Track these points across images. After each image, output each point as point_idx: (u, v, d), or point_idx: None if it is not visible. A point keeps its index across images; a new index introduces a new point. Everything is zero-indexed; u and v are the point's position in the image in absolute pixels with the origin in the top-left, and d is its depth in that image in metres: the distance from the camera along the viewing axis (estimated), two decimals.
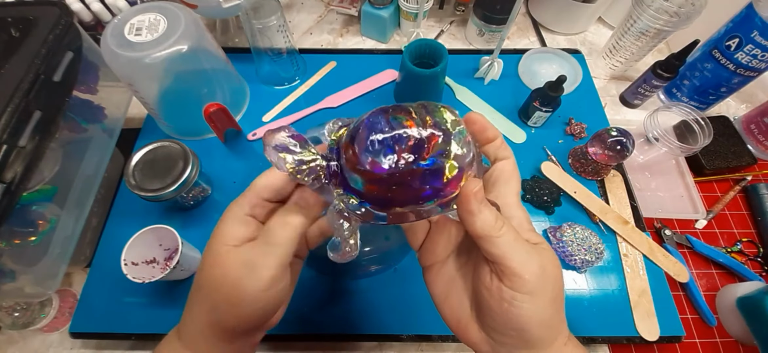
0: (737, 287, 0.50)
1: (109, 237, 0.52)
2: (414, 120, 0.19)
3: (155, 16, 0.48)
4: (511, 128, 0.61)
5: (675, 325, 0.46)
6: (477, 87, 0.65)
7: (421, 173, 0.19)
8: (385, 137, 0.19)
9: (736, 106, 0.68)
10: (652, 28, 0.58)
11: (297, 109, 0.63)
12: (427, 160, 0.19)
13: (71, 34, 0.46)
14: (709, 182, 0.60)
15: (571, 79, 0.65)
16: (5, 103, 0.37)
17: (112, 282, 0.47)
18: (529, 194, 0.54)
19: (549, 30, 0.76)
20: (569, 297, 0.48)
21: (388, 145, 0.19)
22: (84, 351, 0.48)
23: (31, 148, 0.39)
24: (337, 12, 0.77)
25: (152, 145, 0.48)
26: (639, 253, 0.50)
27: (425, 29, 0.76)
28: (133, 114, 0.62)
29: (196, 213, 0.53)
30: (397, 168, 0.18)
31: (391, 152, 0.18)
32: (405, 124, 0.19)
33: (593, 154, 0.52)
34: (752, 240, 0.55)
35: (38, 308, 0.45)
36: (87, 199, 0.49)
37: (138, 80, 0.49)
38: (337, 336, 0.46)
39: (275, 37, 0.58)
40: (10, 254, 0.41)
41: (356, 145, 0.19)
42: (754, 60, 0.52)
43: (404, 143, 0.18)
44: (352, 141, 0.19)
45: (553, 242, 0.50)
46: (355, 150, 0.19)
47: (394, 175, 0.18)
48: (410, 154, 0.18)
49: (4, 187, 0.36)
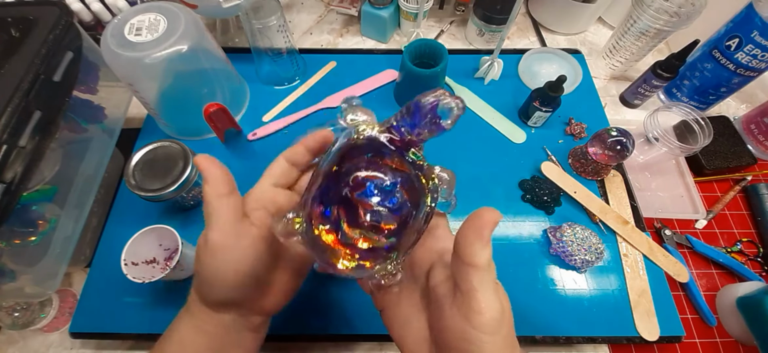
0: (737, 287, 0.50)
1: (109, 237, 0.52)
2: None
3: (155, 16, 0.48)
4: (511, 128, 0.61)
5: (675, 325, 0.46)
6: (477, 87, 0.65)
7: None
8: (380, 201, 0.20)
9: (736, 106, 0.68)
10: (652, 28, 0.58)
11: (297, 109, 0.63)
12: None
13: (71, 34, 0.46)
14: (709, 182, 0.60)
15: (571, 79, 0.65)
16: (5, 103, 0.37)
17: (112, 282, 0.47)
18: (529, 194, 0.54)
19: (549, 30, 0.76)
20: (570, 297, 0.48)
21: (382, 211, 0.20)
22: (84, 351, 0.48)
23: (31, 148, 0.39)
24: (337, 12, 0.77)
25: (152, 145, 0.47)
26: (639, 253, 0.50)
27: (425, 29, 0.76)
28: (133, 114, 0.62)
29: (196, 213, 0.53)
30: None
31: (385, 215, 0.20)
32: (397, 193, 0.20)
33: (593, 154, 0.52)
34: (752, 240, 0.55)
35: (38, 308, 0.45)
36: (87, 199, 0.49)
37: (138, 80, 0.49)
38: (337, 336, 0.47)
39: (275, 37, 0.58)
40: (10, 254, 0.41)
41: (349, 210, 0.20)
42: (754, 60, 0.52)
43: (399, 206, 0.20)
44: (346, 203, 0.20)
45: (553, 242, 0.50)
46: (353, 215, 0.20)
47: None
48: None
49: (4, 187, 0.36)
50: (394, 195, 0.20)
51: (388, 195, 0.20)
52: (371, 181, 0.20)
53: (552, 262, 0.50)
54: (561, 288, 0.49)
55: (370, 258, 0.20)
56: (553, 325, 0.46)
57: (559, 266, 0.50)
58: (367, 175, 0.20)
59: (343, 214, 0.20)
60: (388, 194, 0.20)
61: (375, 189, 0.20)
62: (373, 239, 0.20)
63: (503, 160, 0.58)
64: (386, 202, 0.20)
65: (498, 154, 0.58)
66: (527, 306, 0.47)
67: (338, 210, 0.20)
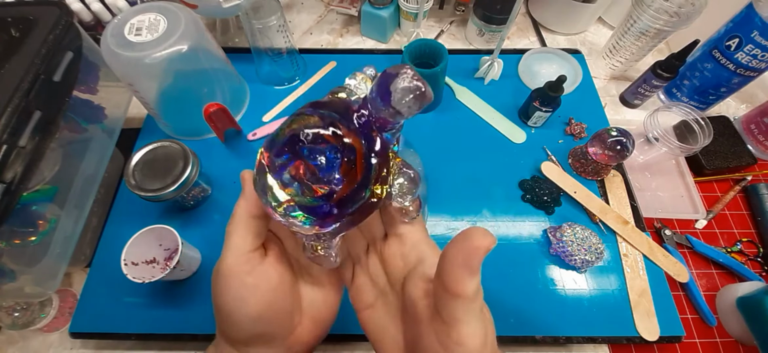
0: (737, 287, 0.50)
1: (109, 237, 0.52)
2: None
3: (155, 16, 0.48)
4: (511, 128, 0.61)
5: (675, 325, 0.46)
6: (477, 87, 0.65)
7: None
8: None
9: (736, 106, 0.68)
10: (652, 28, 0.58)
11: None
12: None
13: (71, 34, 0.46)
14: (709, 182, 0.60)
15: (571, 79, 0.65)
16: (5, 103, 0.37)
17: (112, 282, 0.47)
18: (529, 194, 0.54)
19: (549, 30, 0.76)
20: (570, 297, 0.48)
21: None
22: (84, 351, 0.48)
23: (31, 148, 0.39)
24: (337, 12, 0.77)
25: (152, 145, 0.47)
26: (639, 253, 0.50)
27: (425, 29, 0.76)
28: (133, 114, 0.62)
29: (196, 214, 0.53)
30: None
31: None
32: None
33: (593, 154, 0.52)
34: (752, 240, 0.55)
35: (38, 308, 0.45)
36: (87, 199, 0.49)
37: (138, 80, 0.49)
38: (337, 336, 0.47)
39: (275, 37, 0.58)
40: (10, 254, 0.41)
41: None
42: (754, 60, 0.52)
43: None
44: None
45: (553, 242, 0.50)
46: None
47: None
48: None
49: (4, 187, 0.36)
50: (330, 162, 0.18)
51: (325, 159, 0.18)
52: (314, 138, 0.19)
53: (552, 262, 0.50)
54: (561, 288, 0.49)
55: (306, 214, 0.19)
56: (553, 325, 0.46)
57: (559, 266, 0.50)
58: (315, 132, 0.19)
59: (282, 159, 0.19)
60: (326, 159, 0.18)
61: (314, 148, 0.18)
62: (301, 194, 0.19)
63: (503, 160, 0.58)
64: (320, 165, 0.18)
65: (498, 154, 0.58)
66: (527, 306, 0.47)
67: (282, 149, 0.19)
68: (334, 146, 0.18)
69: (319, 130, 0.19)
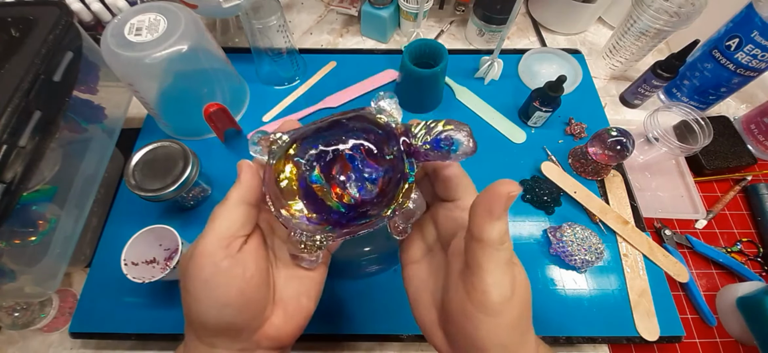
0: (737, 287, 0.50)
1: (109, 237, 0.52)
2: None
3: (155, 16, 0.48)
4: (511, 128, 0.61)
5: (675, 325, 0.46)
6: (477, 87, 0.65)
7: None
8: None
9: (736, 106, 0.68)
10: (652, 28, 0.58)
11: (297, 109, 0.63)
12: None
13: (71, 34, 0.46)
14: (709, 182, 0.60)
15: (571, 79, 0.65)
16: (5, 103, 0.37)
17: (112, 282, 0.47)
18: (529, 194, 0.54)
19: (549, 30, 0.76)
20: (570, 297, 0.48)
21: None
22: (84, 351, 0.48)
23: (31, 148, 0.39)
24: (337, 12, 0.77)
25: (152, 145, 0.47)
26: (639, 253, 0.50)
27: (425, 29, 0.76)
28: (133, 114, 0.62)
29: (196, 214, 0.53)
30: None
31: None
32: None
33: (593, 154, 0.52)
34: (752, 240, 0.55)
35: (38, 308, 0.45)
36: (87, 199, 0.49)
37: (138, 80, 0.49)
38: (337, 336, 0.46)
39: (275, 37, 0.58)
40: (10, 254, 0.41)
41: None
42: (754, 60, 0.52)
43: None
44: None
45: (553, 242, 0.50)
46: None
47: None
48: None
49: (4, 187, 0.36)
50: (371, 177, 0.20)
51: (365, 172, 0.20)
52: (362, 152, 0.20)
53: (552, 262, 0.50)
54: (561, 288, 0.49)
55: (315, 213, 0.20)
56: (553, 325, 0.46)
57: (559, 266, 0.50)
58: (362, 144, 0.20)
59: (322, 157, 0.20)
60: (366, 172, 0.20)
61: (360, 160, 0.20)
62: (329, 196, 0.20)
63: (503, 160, 0.58)
64: (360, 177, 0.20)
65: (498, 154, 0.58)
66: None
67: (321, 151, 0.20)
68: (377, 164, 0.20)
69: (369, 144, 0.20)
